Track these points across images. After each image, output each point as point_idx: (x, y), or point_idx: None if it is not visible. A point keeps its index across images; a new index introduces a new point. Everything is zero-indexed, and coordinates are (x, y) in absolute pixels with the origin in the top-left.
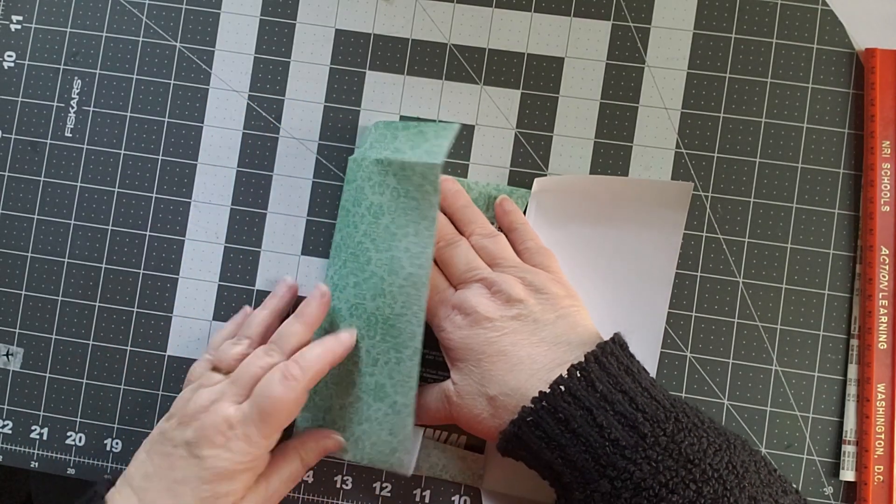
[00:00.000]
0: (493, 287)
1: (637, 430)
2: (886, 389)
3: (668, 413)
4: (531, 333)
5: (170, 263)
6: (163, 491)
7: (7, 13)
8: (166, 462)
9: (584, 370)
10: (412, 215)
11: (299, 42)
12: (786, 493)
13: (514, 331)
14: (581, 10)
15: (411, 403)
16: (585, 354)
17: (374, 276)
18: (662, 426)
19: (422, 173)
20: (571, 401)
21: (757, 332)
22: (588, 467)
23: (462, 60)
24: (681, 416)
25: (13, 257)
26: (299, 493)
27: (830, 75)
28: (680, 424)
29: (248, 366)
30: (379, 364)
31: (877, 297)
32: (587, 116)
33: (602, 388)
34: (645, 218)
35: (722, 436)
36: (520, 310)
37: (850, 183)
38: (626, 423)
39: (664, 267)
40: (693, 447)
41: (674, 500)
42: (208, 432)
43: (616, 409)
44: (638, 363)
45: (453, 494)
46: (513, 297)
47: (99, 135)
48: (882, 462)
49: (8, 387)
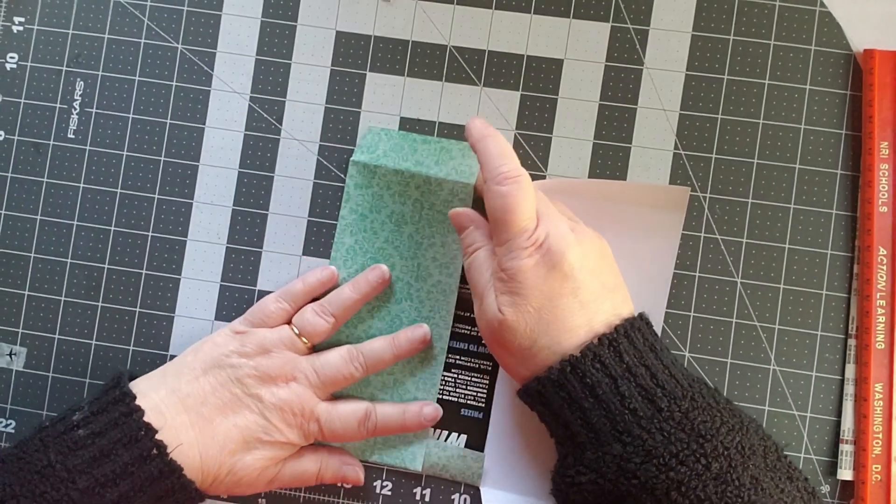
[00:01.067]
0: (576, 228)
1: (655, 403)
2: (884, 389)
3: (685, 391)
4: (597, 297)
5: (172, 264)
6: (218, 422)
7: (9, 15)
8: (232, 403)
9: (614, 341)
10: (438, 227)
11: (300, 44)
12: (791, 479)
13: (586, 287)
14: (580, 12)
15: (433, 401)
16: (616, 326)
17: (399, 280)
18: (679, 403)
19: (451, 190)
20: (599, 367)
21: (755, 332)
22: (605, 430)
23: (462, 62)
24: (697, 395)
25: (16, 258)
26: (300, 491)
27: (828, 76)
28: (695, 403)
29: (336, 371)
30: (399, 363)
31: (874, 297)
32: (586, 118)
33: (628, 359)
34: (643, 221)
35: (736, 416)
36: (594, 264)
37: (848, 184)
38: (645, 396)
39: (662, 270)
40: (706, 424)
41: (682, 471)
42: (283, 406)
43: (638, 382)
44: (662, 342)
45: (453, 494)
46: (593, 247)
47: (101, 136)
48: (879, 461)
49: (11, 386)
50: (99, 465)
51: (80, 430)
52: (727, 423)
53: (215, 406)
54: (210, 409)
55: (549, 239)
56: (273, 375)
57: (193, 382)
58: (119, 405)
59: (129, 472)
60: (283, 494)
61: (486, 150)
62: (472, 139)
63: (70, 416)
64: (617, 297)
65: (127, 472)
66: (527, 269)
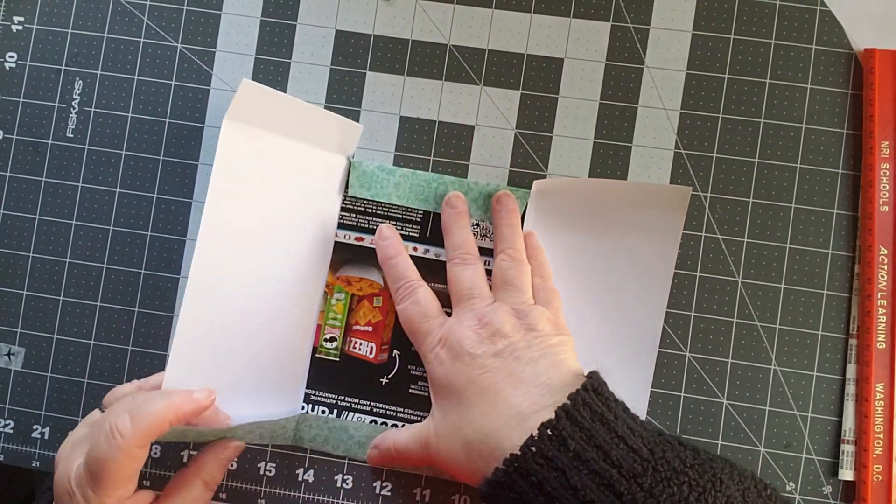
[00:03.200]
0: (483, 319)
1: (612, 488)
2: (885, 389)
3: (645, 464)
4: (510, 373)
5: (171, 263)
6: None
7: (8, 14)
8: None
9: (556, 428)
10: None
11: (300, 43)
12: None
13: (494, 369)
14: (581, 11)
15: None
16: (556, 410)
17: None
18: (639, 480)
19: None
20: (544, 462)
21: (756, 332)
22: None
23: (462, 61)
24: (660, 464)
25: (15, 257)
26: (299, 492)
27: (829, 76)
28: (658, 475)
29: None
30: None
31: (875, 297)
32: (587, 117)
33: (574, 445)
34: (643, 221)
35: (707, 473)
36: (503, 346)
37: (849, 183)
38: (600, 483)
39: (662, 270)
40: (673, 497)
41: None
42: (58, 492)
43: (590, 468)
44: (616, 405)
45: (453, 494)
46: (500, 332)
47: (100, 135)
48: (881, 461)
49: (9, 386)
50: None
51: None
52: (696, 487)
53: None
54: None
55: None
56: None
57: None
58: None
59: None
60: (282, 495)
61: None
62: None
63: None
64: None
65: None
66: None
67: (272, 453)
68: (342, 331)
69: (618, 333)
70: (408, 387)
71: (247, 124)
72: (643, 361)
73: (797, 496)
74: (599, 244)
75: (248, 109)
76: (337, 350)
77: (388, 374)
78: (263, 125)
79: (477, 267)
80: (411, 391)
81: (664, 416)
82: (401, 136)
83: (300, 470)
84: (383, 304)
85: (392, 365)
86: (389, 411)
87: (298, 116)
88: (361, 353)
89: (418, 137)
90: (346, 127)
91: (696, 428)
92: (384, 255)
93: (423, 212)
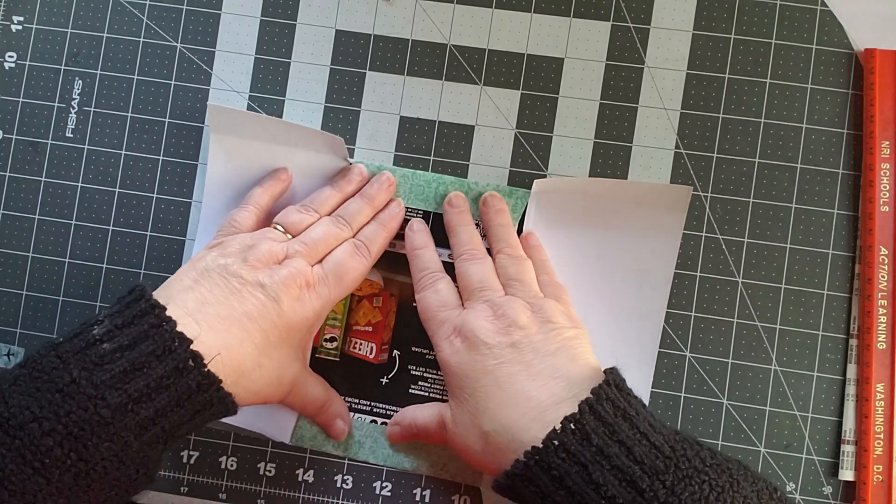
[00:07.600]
0: (498, 311)
1: (635, 485)
2: (885, 389)
3: (667, 462)
4: (528, 365)
5: (170, 263)
6: (227, 319)
7: (8, 14)
8: (234, 296)
9: (579, 422)
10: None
11: (300, 43)
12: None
13: (510, 360)
14: (581, 11)
15: None
16: (579, 404)
17: None
18: (661, 478)
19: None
20: (566, 456)
21: (756, 332)
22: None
23: (462, 61)
24: (681, 462)
25: (14, 257)
26: (299, 492)
27: (829, 76)
28: (680, 473)
29: (323, 235)
30: None
31: (876, 297)
32: (587, 117)
33: (598, 440)
34: (644, 220)
35: (725, 473)
36: (519, 337)
37: (850, 183)
38: (623, 479)
39: (662, 269)
40: (694, 496)
41: None
42: (287, 282)
43: (613, 464)
44: (636, 401)
45: (453, 494)
46: (515, 323)
47: (100, 135)
48: (881, 462)
49: None
50: (130, 379)
51: (104, 345)
52: (716, 487)
53: (219, 304)
54: (216, 309)
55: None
56: (265, 260)
57: (188, 293)
58: (147, 316)
59: (164, 385)
60: (282, 495)
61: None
62: (407, 248)
63: (88, 331)
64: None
65: (162, 385)
66: (448, 358)
67: (272, 453)
68: (342, 331)
69: (618, 333)
70: (408, 387)
71: (236, 136)
72: (643, 361)
73: (797, 496)
74: (600, 244)
75: (229, 126)
76: (337, 350)
77: (388, 375)
78: (253, 137)
79: (486, 261)
80: (411, 391)
81: (664, 416)
82: (401, 136)
83: (300, 470)
84: (383, 304)
85: (392, 365)
86: (389, 411)
87: (277, 130)
88: (361, 354)
89: (418, 137)
90: (328, 139)
91: (697, 428)
92: (412, 245)
93: (424, 212)
